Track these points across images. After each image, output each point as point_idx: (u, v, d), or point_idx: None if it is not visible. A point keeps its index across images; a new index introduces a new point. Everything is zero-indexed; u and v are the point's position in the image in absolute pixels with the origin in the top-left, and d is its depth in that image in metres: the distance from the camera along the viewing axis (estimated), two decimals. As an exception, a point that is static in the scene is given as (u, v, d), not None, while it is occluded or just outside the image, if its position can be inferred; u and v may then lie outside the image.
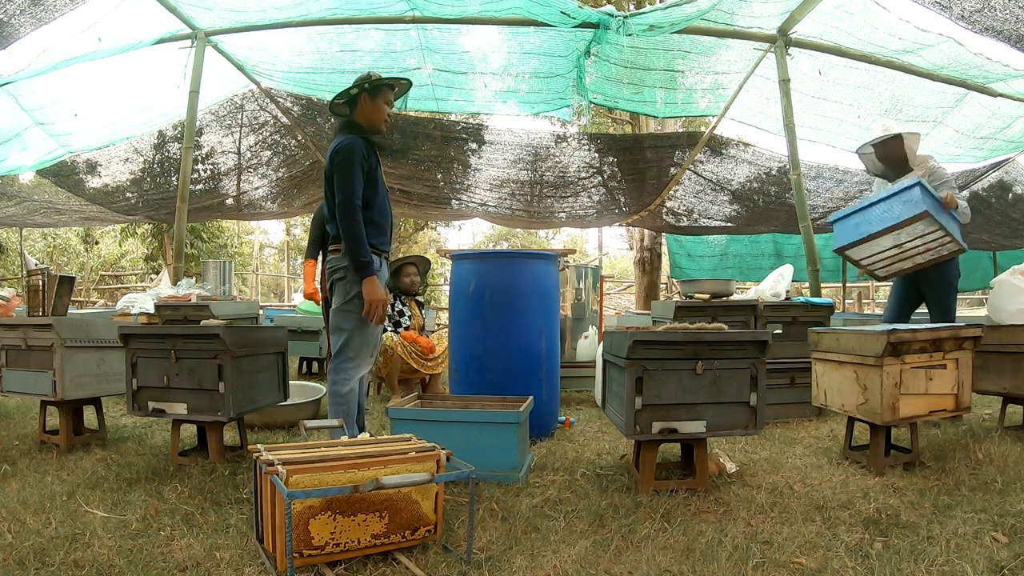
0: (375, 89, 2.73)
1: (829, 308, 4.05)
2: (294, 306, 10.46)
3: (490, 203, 8.16)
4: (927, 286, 3.66)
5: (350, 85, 2.75)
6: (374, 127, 2.76)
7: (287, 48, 5.74)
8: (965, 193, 3.41)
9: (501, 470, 2.45)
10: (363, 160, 2.62)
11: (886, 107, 6.10)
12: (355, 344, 2.71)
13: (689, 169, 7.48)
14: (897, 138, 3.56)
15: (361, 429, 3.02)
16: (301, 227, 24.89)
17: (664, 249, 11.06)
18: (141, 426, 3.61)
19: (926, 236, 3.28)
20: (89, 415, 3.30)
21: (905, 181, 3.32)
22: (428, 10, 4.90)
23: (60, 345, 2.94)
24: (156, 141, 7.34)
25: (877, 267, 3.59)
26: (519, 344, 3.32)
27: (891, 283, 3.98)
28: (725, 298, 4.15)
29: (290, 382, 3.29)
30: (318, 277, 4.02)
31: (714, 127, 6.93)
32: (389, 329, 4.60)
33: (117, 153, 7.38)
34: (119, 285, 17.47)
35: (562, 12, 4.58)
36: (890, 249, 3.42)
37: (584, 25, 4.80)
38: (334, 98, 2.78)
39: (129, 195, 8.18)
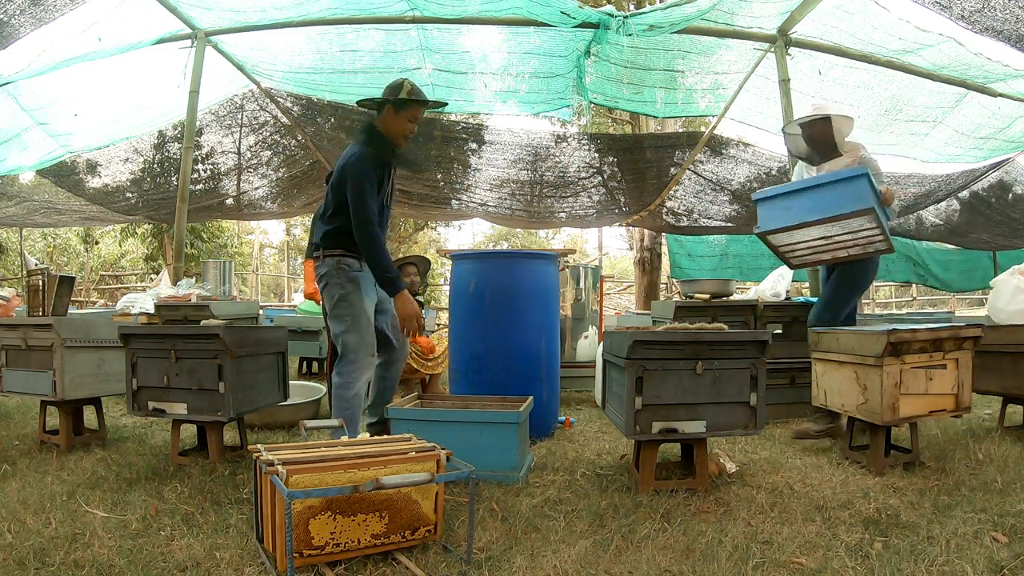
0: (401, 105, 2.69)
1: (829, 308, 4.05)
2: (294, 306, 10.46)
3: (490, 203, 8.16)
4: (836, 273, 3.36)
5: (382, 91, 2.71)
6: (393, 139, 2.74)
7: (287, 48, 5.74)
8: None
9: (501, 470, 2.45)
10: (374, 175, 2.62)
11: (886, 107, 6.10)
12: (351, 346, 2.73)
13: (689, 169, 7.48)
14: (827, 120, 3.29)
15: (381, 422, 3.00)
16: (301, 227, 24.89)
17: (664, 249, 11.06)
18: (141, 426, 3.61)
19: (860, 232, 3.03)
20: (89, 415, 3.30)
21: (843, 170, 3.01)
22: (428, 10, 4.90)
23: (60, 345, 2.94)
24: (156, 141, 7.34)
25: (794, 255, 3.34)
26: (519, 344, 3.32)
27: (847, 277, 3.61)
28: (725, 298, 4.15)
29: (290, 382, 3.29)
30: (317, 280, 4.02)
31: (714, 127, 6.93)
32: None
33: (117, 153, 7.38)
34: (119, 285, 17.47)
35: (562, 12, 4.58)
36: (817, 240, 3.16)
37: (584, 25, 4.80)
38: (360, 101, 2.78)
39: (129, 195, 8.18)
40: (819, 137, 3.34)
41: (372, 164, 2.63)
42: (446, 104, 2.97)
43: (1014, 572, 1.69)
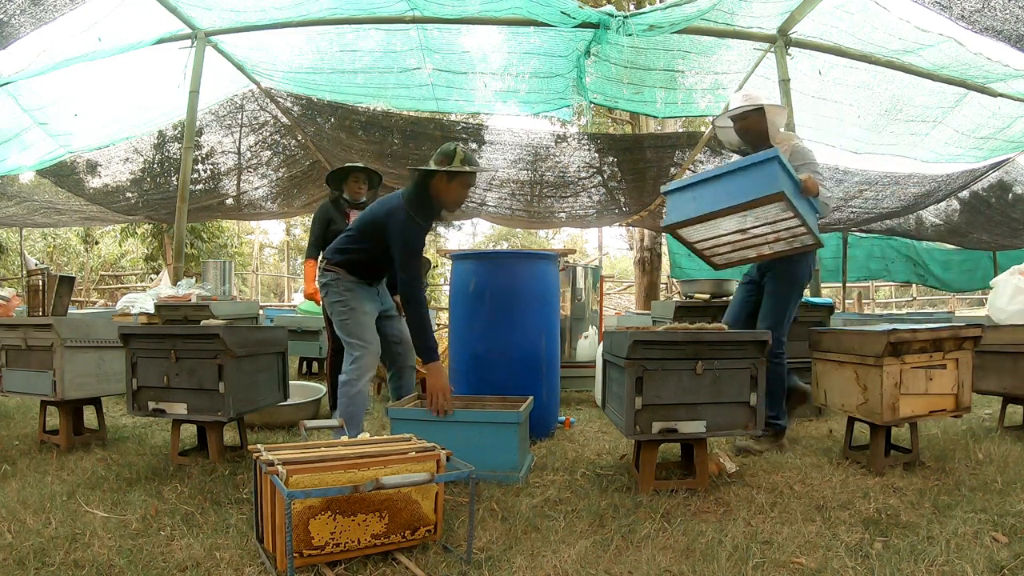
0: (454, 175, 2.71)
1: (829, 308, 4.05)
2: (294, 306, 10.47)
3: (490, 203, 8.17)
4: (769, 280, 3.11)
5: (433, 158, 2.72)
6: (445, 206, 2.78)
7: (287, 48, 5.74)
8: (833, 191, 2.87)
9: (501, 470, 2.45)
10: (422, 241, 2.75)
11: (886, 107, 6.10)
12: (355, 345, 2.80)
13: (689, 169, 7.48)
14: (759, 111, 3.07)
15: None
16: (301, 227, 24.89)
17: (664, 249, 11.07)
18: (141, 426, 3.61)
19: (778, 223, 2.76)
20: (89, 415, 3.30)
21: (753, 155, 2.73)
22: (428, 10, 4.90)
23: (60, 345, 2.94)
24: (156, 141, 7.35)
25: (716, 254, 3.10)
26: (519, 344, 3.32)
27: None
28: (725, 298, 4.15)
29: (290, 382, 3.29)
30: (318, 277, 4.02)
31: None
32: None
33: (117, 153, 7.39)
34: (119, 285, 17.47)
35: (562, 12, 4.58)
36: (733, 233, 2.89)
37: (584, 25, 4.80)
38: (419, 167, 2.75)
39: (129, 195, 8.19)
40: (752, 129, 3.13)
41: (422, 231, 2.73)
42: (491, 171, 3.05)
43: (1014, 572, 1.69)
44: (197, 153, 7.33)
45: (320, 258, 2.94)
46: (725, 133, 3.30)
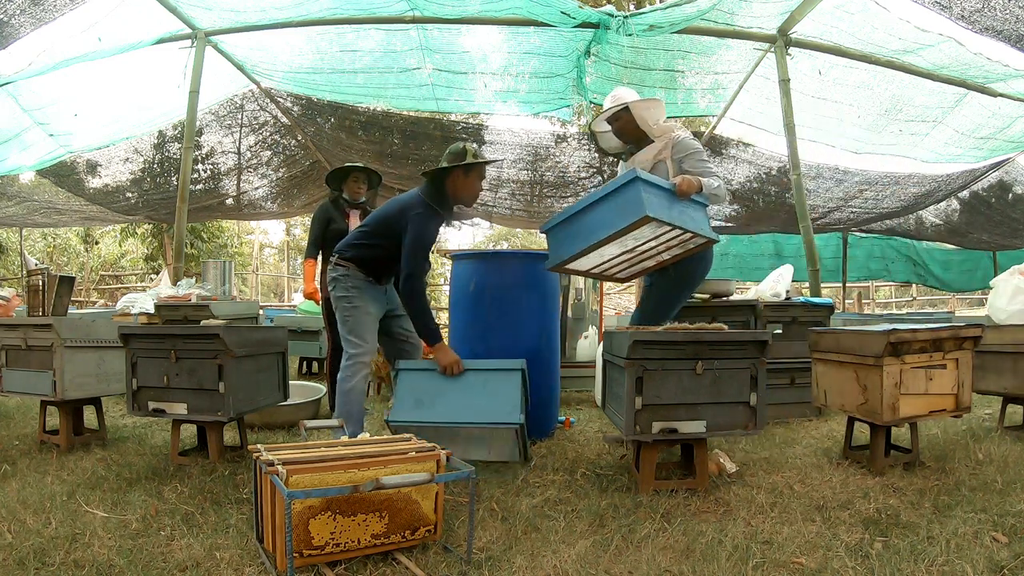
0: (469, 168, 2.84)
1: (829, 308, 4.05)
2: (294, 306, 10.46)
3: (490, 203, 8.16)
4: (658, 277, 3.06)
5: (444, 158, 2.85)
6: (461, 200, 2.88)
7: (287, 48, 5.74)
8: (715, 178, 2.83)
9: (504, 420, 2.47)
10: (435, 237, 2.84)
11: (886, 107, 6.11)
12: (352, 342, 2.83)
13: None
14: (626, 110, 2.96)
15: None
16: (301, 227, 24.87)
17: (664, 249, 11.05)
18: (141, 426, 3.61)
19: (659, 237, 2.70)
20: (89, 415, 3.30)
21: (613, 180, 2.62)
22: (428, 10, 4.90)
23: (60, 345, 2.94)
24: (156, 141, 7.35)
25: (615, 273, 3.06)
26: (519, 344, 3.32)
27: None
28: (725, 298, 4.15)
29: (290, 382, 3.29)
30: (318, 277, 4.02)
31: (714, 127, 6.93)
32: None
33: (117, 153, 7.39)
34: (119, 285, 17.46)
35: (562, 12, 4.58)
36: (621, 255, 2.84)
37: (584, 25, 4.80)
38: (431, 173, 2.84)
39: (129, 195, 8.19)
40: (627, 128, 3.03)
41: (436, 227, 2.82)
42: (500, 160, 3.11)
43: (1014, 572, 1.69)
44: (197, 153, 7.33)
45: (332, 253, 2.97)
46: (605, 139, 3.19)
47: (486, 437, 2.70)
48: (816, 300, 4.09)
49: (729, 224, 8.84)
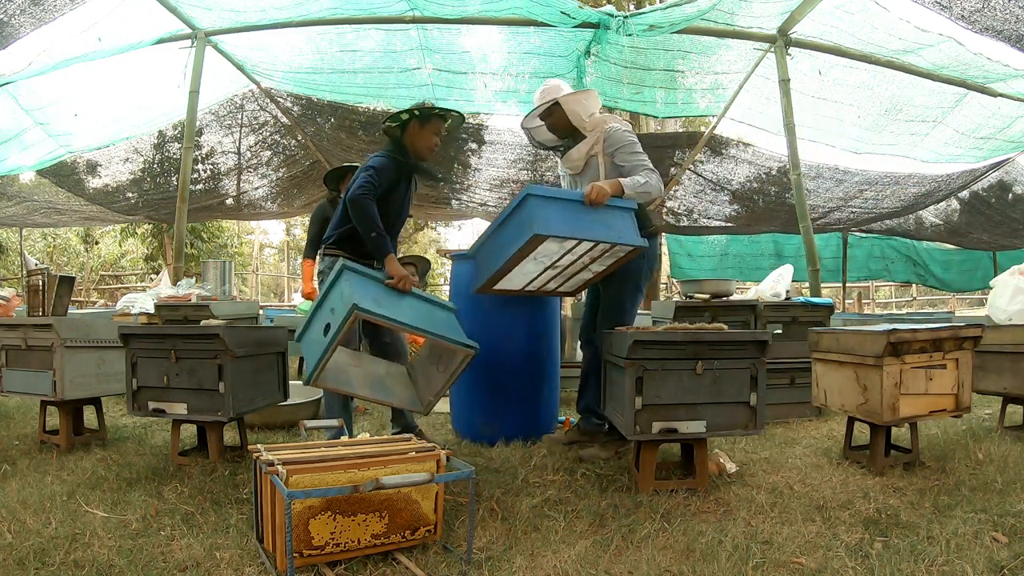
0: (425, 117, 2.82)
1: (829, 308, 4.06)
2: (294, 306, 10.46)
3: (490, 203, 8.16)
4: (603, 282, 2.90)
5: (403, 109, 2.84)
6: (419, 153, 2.87)
7: (287, 48, 5.74)
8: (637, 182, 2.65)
9: (467, 343, 2.51)
10: (391, 178, 2.75)
11: (886, 107, 6.11)
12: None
13: (689, 169, 7.49)
14: (557, 104, 2.84)
15: (404, 428, 3.04)
16: (301, 227, 24.87)
17: (664, 249, 11.06)
18: (141, 426, 3.60)
19: (574, 251, 2.53)
20: (89, 415, 3.30)
21: (513, 200, 2.52)
22: (428, 10, 4.90)
23: (60, 345, 2.94)
24: (156, 141, 7.35)
25: (554, 288, 2.93)
26: (519, 344, 3.32)
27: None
28: (725, 298, 4.15)
29: (290, 382, 3.29)
30: (316, 277, 4.02)
31: (714, 127, 6.93)
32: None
33: (117, 153, 7.39)
34: (119, 285, 17.47)
35: (562, 12, 4.58)
36: (547, 271, 2.69)
37: (584, 25, 4.80)
38: (386, 120, 2.85)
39: (129, 195, 8.19)
40: (559, 124, 2.91)
41: (392, 164, 2.77)
42: (464, 118, 3.04)
43: (1014, 572, 1.69)
44: (197, 153, 7.33)
45: (320, 245, 2.98)
46: (539, 133, 3.06)
47: (443, 354, 2.69)
48: (816, 300, 4.10)
49: (729, 224, 8.84)
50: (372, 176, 2.67)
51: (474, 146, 7.17)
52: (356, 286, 2.38)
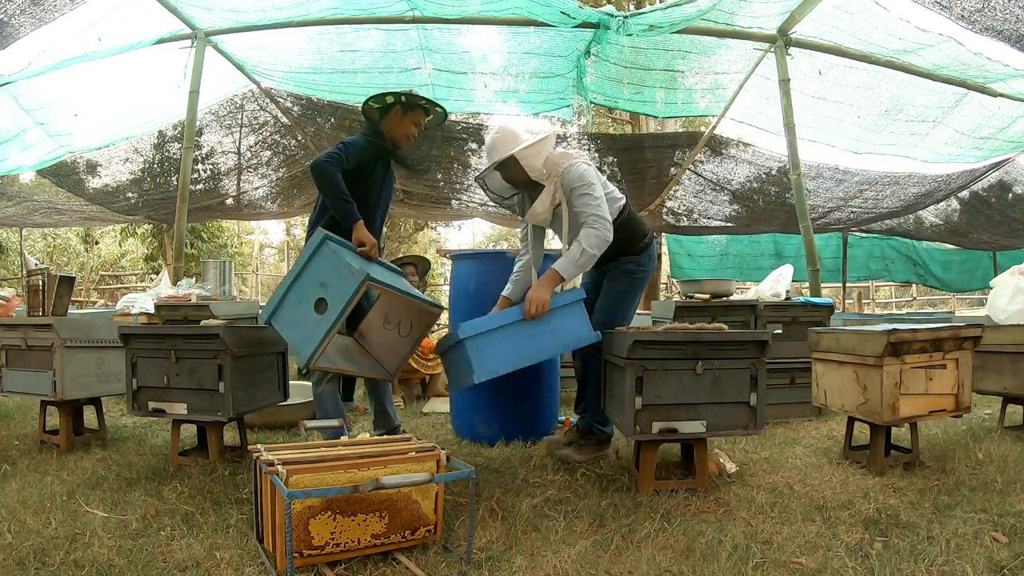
0: (410, 105, 2.79)
1: (829, 308, 4.06)
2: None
3: (490, 203, 8.15)
4: (606, 281, 2.88)
5: (388, 92, 2.80)
6: (395, 140, 2.83)
7: (287, 48, 5.74)
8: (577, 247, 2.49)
9: (435, 303, 2.60)
10: (361, 156, 2.68)
11: (886, 107, 6.10)
12: None
13: (689, 169, 7.48)
14: (511, 159, 2.65)
15: (389, 430, 3.00)
16: (301, 227, 24.84)
17: (664, 249, 11.06)
18: (141, 426, 3.61)
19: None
20: (89, 415, 3.30)
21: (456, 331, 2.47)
22: (428, 10, 4.90)
23: (60, 345, 2.94)
24: (156, 141, 7.34)
25: None
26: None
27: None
28: (725, 298, 4.15)
29: (290, 382, 3.29)
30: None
31: (714, 127, 6.93)
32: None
33: (117, 153, 7.38)
34: (119, 285, 17.46)
35: (562, 12, 4.58)
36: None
37: (584, 25, 4.80)
38: (371, 98, 2.81)
39: (129, 195, 8.18)
40: (517, 176, 2.73)
41: (365, 143, 2.72)
42: (447, 116, 3.02)
43: (1014, 572, 1.69)
44: (197, 153, 7.32)
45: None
46: (492, 182, 2.88)
47: (401, 319, 2.70)
48: (816, 300, 4.10)
49: (729, 224, 8.84)
50: (340, 148, 2.63)
51: (474, 146, 7.16)
52: (348, 255, 2.33)
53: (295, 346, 2.28)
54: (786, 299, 4.06)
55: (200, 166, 7.60)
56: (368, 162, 2.74)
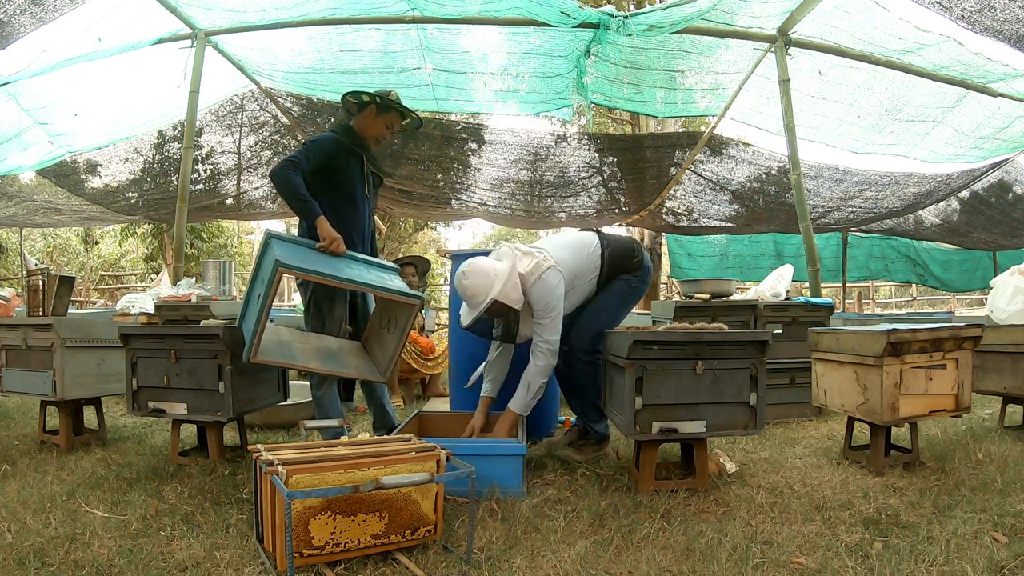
0: (385, 107, 2.82)
1: (829, 308, 4.05)
2: (293, 306, 10.45)
3: (490, 203, 8.16)
4: (600, 291, 2.89)
5: (367, 91, 2.83)
6: (365, 139, 2.85)
7: (287, 48, 5.74)
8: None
9: (410, 293, 2.54)
10: (327, 153, 2.70)
11: (886, 107, 6.10)
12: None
13: (689, 169, 7.48)
14: (496, 303, 2.62)
15: (389, 430, 2.99)
16: (301, 227, 24.84)
17: (664, 249, 11.06)
18: (141, 426, 3.61)
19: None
20: (89, 415, 3.30)
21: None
22: (428, 10, 4.90)
23: (60, 345, 2.94)
24: (156, 141, 7.34)
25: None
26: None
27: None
28: (725, 298, 4.15)
29: (290, 382, 3.29)
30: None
31: (714, 127, 6.93)
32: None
33: (117, 153, 7.38)
34: (119, 285, 17.47)
35: (562, 12, 4.58)
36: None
37: (584, 25, 4.80)
38: (349, 93, 2.84)
39: (129, 195, 8.18)
40: (495, 310, 2.70)
41: (331, 140, 2.74)
42: (422, 123, 3.06)
43: (1014, 572, 1.69)
44: (197, 153, 7.32)
45: None
46: (480, 325, 2.83)
47: (392, 315, 2.69)
48: (816, 300, 4.09)
49: (729, 224, 8.84)
50: (300, 150, 2.65)
51: (474, 146, 7.16)
52: (282, 249, 2.38)
53: (246, 342, 2.40)
54: (786, 299, 4.06)
55: (200, 166, 7.59)
56: (337, 156, 2.76)
